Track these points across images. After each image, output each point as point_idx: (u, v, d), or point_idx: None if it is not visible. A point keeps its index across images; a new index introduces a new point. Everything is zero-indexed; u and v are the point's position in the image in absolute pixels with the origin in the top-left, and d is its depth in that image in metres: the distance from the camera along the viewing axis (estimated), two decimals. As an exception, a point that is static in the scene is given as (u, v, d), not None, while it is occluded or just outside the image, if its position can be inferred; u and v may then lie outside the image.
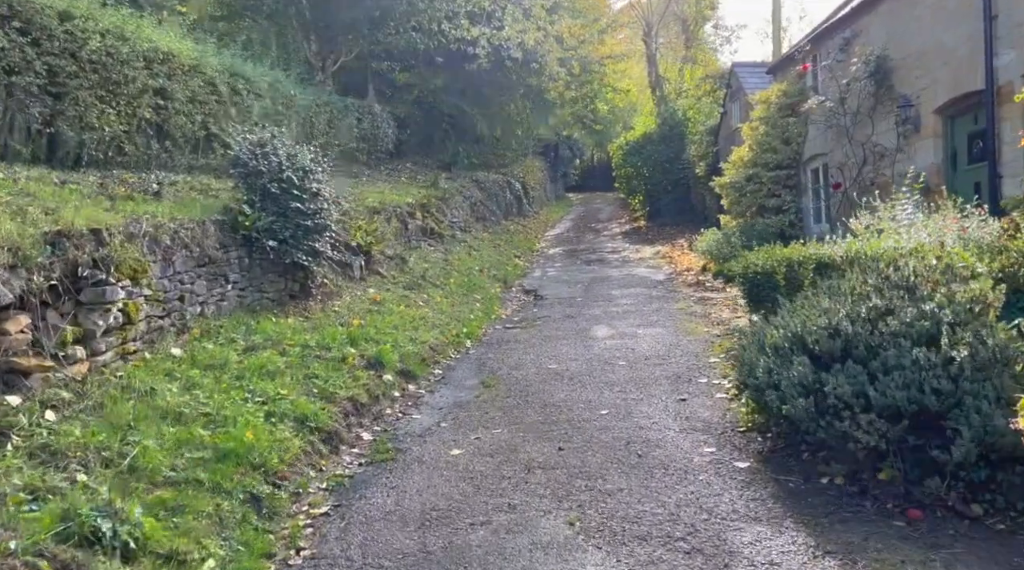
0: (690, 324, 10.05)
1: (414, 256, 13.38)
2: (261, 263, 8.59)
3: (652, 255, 18.56)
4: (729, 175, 16.23)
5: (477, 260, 15.72)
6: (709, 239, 15.63)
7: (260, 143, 8.89)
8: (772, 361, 5.20)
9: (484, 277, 14.26)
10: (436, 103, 23.97)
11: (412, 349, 8.52)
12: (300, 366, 7.03)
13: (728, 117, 20.61)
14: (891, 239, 7.44)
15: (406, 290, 11.34)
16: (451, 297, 11.95)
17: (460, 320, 10.77)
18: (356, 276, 10.83)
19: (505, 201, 25.39)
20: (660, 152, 24.67)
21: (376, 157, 21.27)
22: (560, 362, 8.49)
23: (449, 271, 13.46)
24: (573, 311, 11.74)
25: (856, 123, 12.97)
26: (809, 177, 15.43)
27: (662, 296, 12.55)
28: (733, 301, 11.58)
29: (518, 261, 18.27)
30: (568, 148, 37.47)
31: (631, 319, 10.68)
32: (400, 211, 14.10)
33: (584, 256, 19.36)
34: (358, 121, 19.72)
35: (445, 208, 17.30)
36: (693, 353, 8.40)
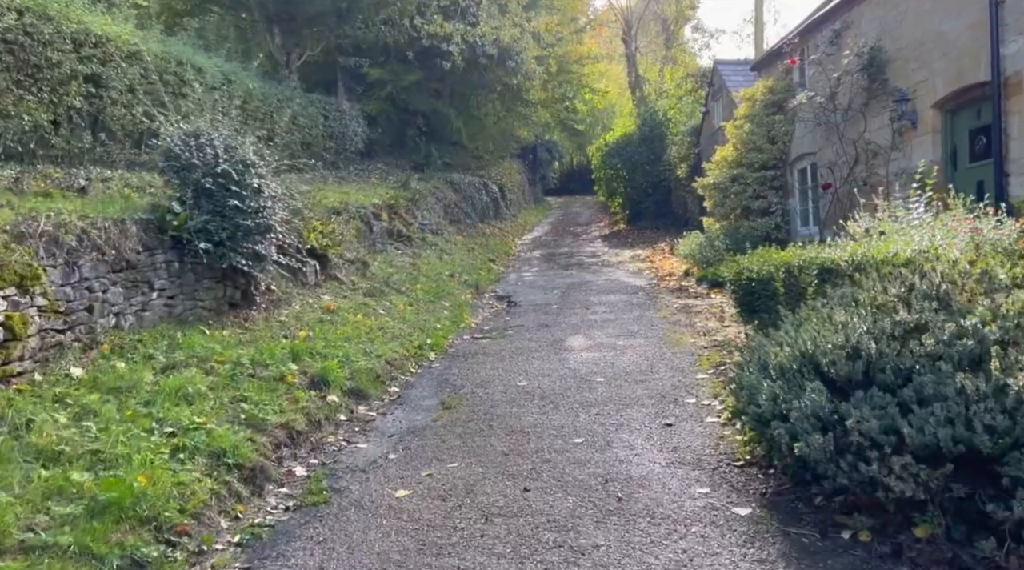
0: (674, 334, 9.18)
1: (378, 260, 12.41)
2: (195, 268, 7.58)
3: (632, 259, 17.72)
4: (713, 175, 15.44)
5: (448, 264, 14.77)
6: (692, 243, 14.82)
7: (195, 134, 7.89)
8: (778, 386, 4.32)
9: (455, 283, 13.31)
10: (409, 102, 23.00)
11: (365, 364, 7.55)
12: (228, 387, 6.04)
13: (710, 117, 19.87)
14: (899, 242, 6.61)
15: (366, 297, 10.36)
16: (416, 304, 10.99)
17: (424, 330, 9.82)
18: (310, 282, 9.84)
19: (481, 203, 24.47)
20: (640, 154, 23.91)
21: (345, 156, 20.27)
22: (531, 378, 7.56)
23: (416, 276, 12.50)
24: (548, 319, 10.84)
25: (847, 120, 12.21)
26: (796, 178, 14.67)
27: (643, 303, 11.68)
28: (719, 308, 10.75)
29: (493, 265, 17.34)
30: (547, 151, 36.63)
31: (610, 329, 9.79)
32: (364, 212, 13.12)
33: (562, 260, 18.48)
34: (325, 118, 18.72)
35: (415, 210, 16.34)
36: (678, 368, 7.52)
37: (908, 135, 10.82)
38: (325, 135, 18.66)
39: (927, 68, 10.33)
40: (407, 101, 22.96)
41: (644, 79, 27.77)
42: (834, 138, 12.64)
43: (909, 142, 10.83)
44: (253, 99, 14.70)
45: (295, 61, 18.96)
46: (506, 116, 26.78)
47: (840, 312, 4.50)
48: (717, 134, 19.03)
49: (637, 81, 27.51)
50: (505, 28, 21.50)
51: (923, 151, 10.54)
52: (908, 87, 10.72)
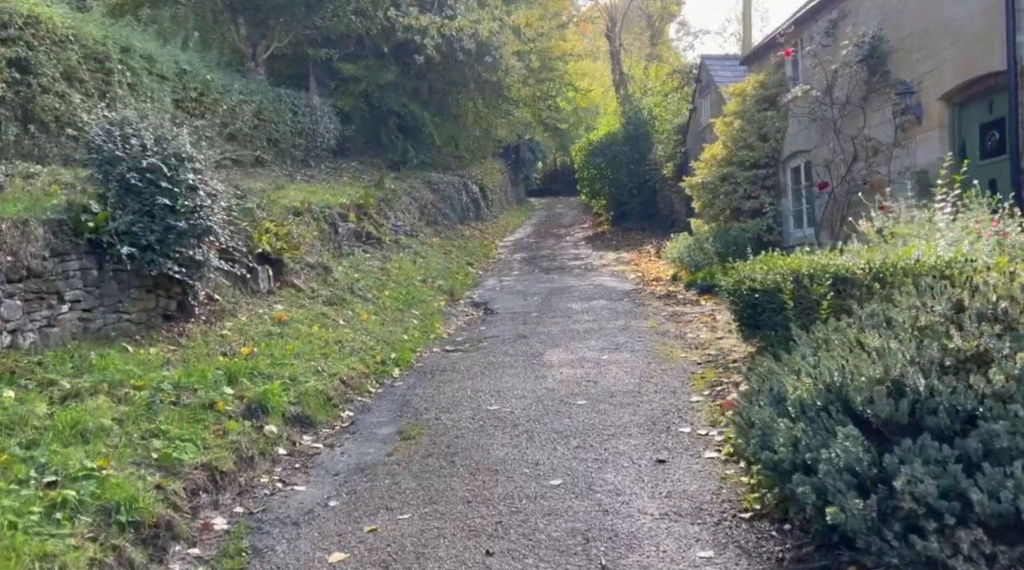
0: (663, 347, 8.33)
1: (344, 264, 11.47)
2: (119, 276, 6.62)
3: (617, 262, 16.89)
4: (701, 175, 14.64)
5: (422, 268, 13.85)
6: (680, 246, 14.01)
7: (120, 122, 6.93)
8: (800, 429, 3.46)
9: (428, 288, 12.40)
10: (385, 98, 22.04)
11: (315, 385, 6.63)
12: (142, 418, 5.10)
13: (697, 114, 19.10)
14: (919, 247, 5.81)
15: (326, 306, 9.43)
16: (383, 313, 10.06)
17: (390, 342, 8.90)
18: (261, 289, 8.89)
19: (461, 204, 23.56)
20: (625, 153, 23.10)
21: (316, 154, 19.30)
22: (504, 400, 6.68)
23: (385, 282, 11.57)
24: (527, 329, 9.95)
25: (845, 115, 11.45)
26: (789, 177, 13.91)
27: (629, 311, 10.83)
28: (711, 317, 9.92)
29: (471, 269, 16.44)
30: (530, 150, 35.79)
31: (593, 340, 8.93)
32: (329, 213, 12.17)
33: (544, 263, 17.61)
34: (294, 114, 17.75)
35: (388, 210, 15.40)
36: (670, 388, 6.66)
37: (912, 130, 10.06)
38: (294, 131, 17.69)
39: (934, 58, 9.57)
40: (383, 98, 22.01)
41: (628, 77, 26.99)
42: (831, 135, 11.87)
43: (913, 138, 10.07)
44: (211, 91, 13.72)
45: (262, 53, 17.96)
46: (487, 114, 25.89)
47: (873, 335, 3.65)
48: (705, 132, 18.27)
49: (621, 79, 26.73)
50: (484, 22, 20.60)
51: (929, 147, 9.78)
52: (912, 79, 9.97)
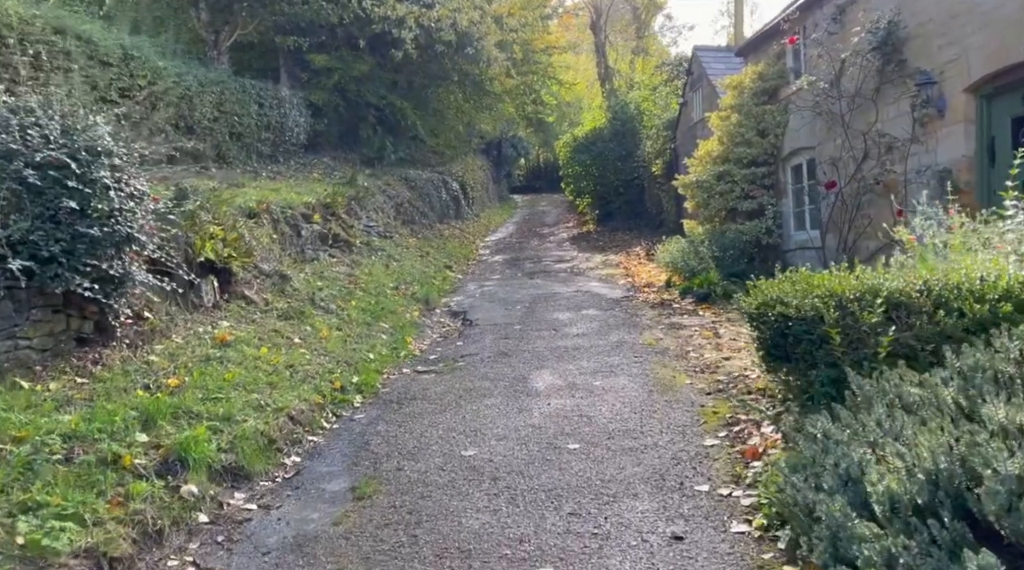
0: (664, 370, 7.28)
1: (306, 271, 10.31)
2: (14, 294, 5.44)
3: (604, 265, 15.86)
4: (695, 173, 13.64)
5: (395, 274, 12.71)
6: (673, 249, 12.99)
7: (23, 109, 5.74)
8: (898, 542, 2.42)
9: (400, 297, 11.26)
10: (361, 92, 20.84)
11: (255, 425, 5.50)
12: (16, 485, 3.96)
13: (688, 109, 18.10)
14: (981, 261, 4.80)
15: (281, 321, 8.28)
16: (347, 328, 8.93)
17: (352, 363, 7.79)
18: (205, 304, 7.72)
19: (440, 202, 22.43)
20: (611, 149, 22.10)
21: (285, 149, 18.09)
22: (482, 442, 5.59)
23: (352, 291, 10.42)
24: (509, 345, 8.87)
25: (855, 108, 10.47)
26: (790, 176, 12.93)
27: (622, 322, 9.79)
28: (712, 331, 8.90)
29: (450, 273, 15.32)
30: (512, 146, 34.69)
31: (584, 360, 7.86)
32: (291, 214, 11.00)
33: (527, 266, 16.54)
34: (260, 106, 16.51)
35: (359, 210, 14.24)
36: (677, 427, 5.61)
37: (932, 125, 9.09)
38: (260, 125, 16.46)
39: (958, 45, 8.60)
40: (358, 91, 20.81)
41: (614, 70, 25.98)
42: (838, 130, 10.90)
43: (934, 133, 9.10)
44: (163, 79, 12.47)
45: (225, 41, 16.69)
46: (468, 109, 24.77)
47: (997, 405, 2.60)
48: (696, 127, 17.28)
49: (607, 72, 25.70)
50: (464, 11, 19.48)
51: (952, 144, 8.82)
52: (933, 68, 8.99)
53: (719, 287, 11.30)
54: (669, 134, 19.06)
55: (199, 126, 13.98)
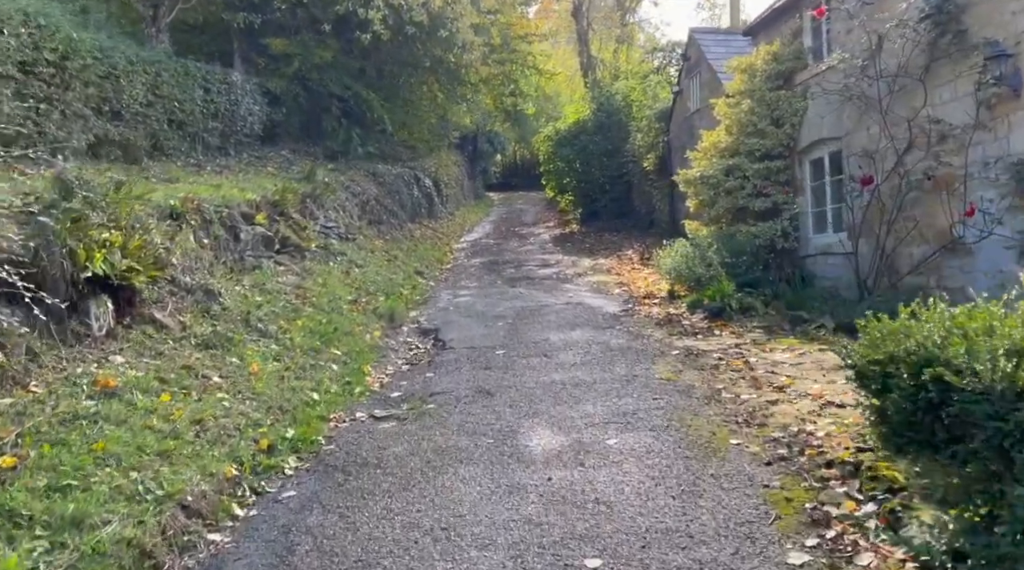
0: (696, 420, 5.55)
1: (243, 284, 8.42)
2: None
3: (594, 271, 14.15)
4: (700, 167, 11.97)
5: (356, 283, 10.86)
6: (676, 255, 11.31)
7: None
8: None
9: (359, 312, 9.42)
10: (324, 80, 18.90)
11: (119, 530, 3.66)
12: None
13: (683, 98, 16.45)
14: None
15: (199, 352, 6.40)
16: (288, 358, 7.08)
17: (289, 409, 5.96)
18: (95, 332, 5.82)
19: (412, 200, 20.59)
20: (596, 143, 20.39)
21: (237, 141, 16.08)
22: (456, 554, 3.80)
23: (300, 307, 8.55)
24: (492, 378, 7.09)
25: (896, 91, 8.86)
26: (808, 171, 11.31)
27: (627, 347, 8.05)
28: (742, 360, 7.21)
29: (420, 280, 13.50)
30: (489, 142, 32.87)
31: (589, 403, 6.11)
32: (229, 214, 9.10)
33: (508, 271, 14.77)
34: (205, 91, 14.50)
35: (316, 209, 12.36)
36: (739, 523, 3.88)
37: (1003, 107, 7.48)
38: (206, 112, 14.45)
39: (1039, 9, 7.01)
40: (321, 80, 18.86)
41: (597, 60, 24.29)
42: (873, 117, 9.29)
43: (1005, 118, 7.49)
44: (79, 54, 10.46)
45: (164, 16, 14.63)
46: (443, 100, 22.89)
47: None
48: (694, 118, 15.64)
49: (590, 62, 24.02)
50: (437, -11, 17.64)
51: (1030, 130, 7.23)
52: (1005, 39, 7.39)
53: (734, 300, 9.64)
54: (662, 126, 17.39)
55: (128, 111, 11.97)
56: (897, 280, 8.94)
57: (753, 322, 9.11)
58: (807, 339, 8.03)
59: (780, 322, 9.02)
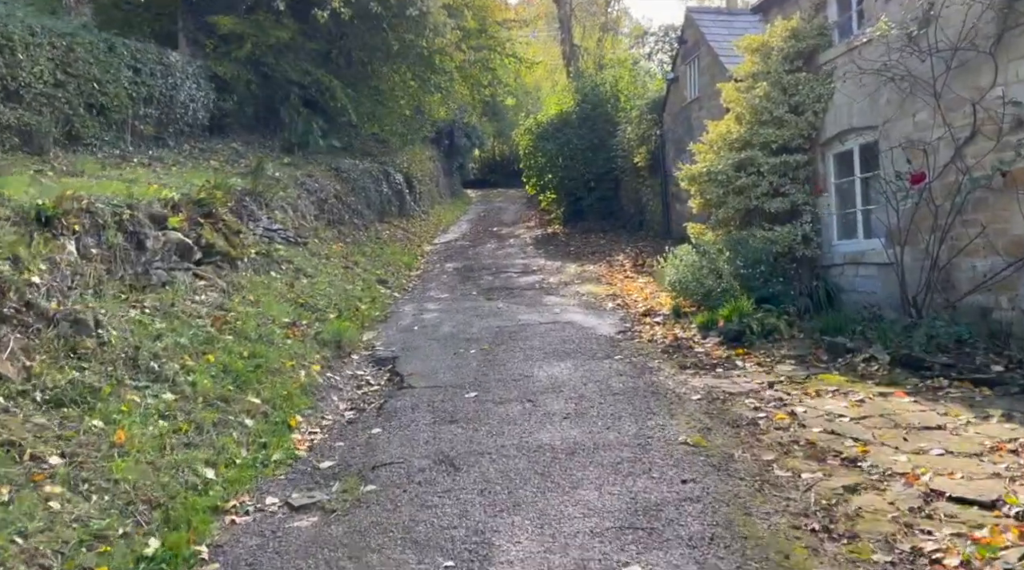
0: (753, 524, 3.77)
1: (143, 306, 6.51)
2: None
3: (581, 279, 12.38)
4: (705, 161, 10.24)
5: (300, 298, 8.97)
6: (681, 264, 9.58)
7: None
8: None
9: (297, 339, 7.53)
10: (281, 64, 16.94)
11: None
12: None
13: (679, 86, 14.73)
14: None
15: (42, 415, 4.50)
16: (180, 414, 5.18)
17: (163, 502, 4.10)
18: None
19: (380, 197, 18.69)
20: (580, 137, 18.62)
21: (177, 130, 14.11)
22: None
23: (215, 335, 6.63)
24: (458, 441, 5.28)
25: (956, 67, 7.18)
26: (832, 166, 9.62)
27: (632, 388, 6.27)
28: (785, 410, 5.48)
29: (382, 291, 11.63)
30: (466, 136, 30.96)
31: (592, 488, 4.30)
32: (131, 216, 7.16)
33: (485, 279, 12.97)
34: (135, 72, 12.52)
35: (258, 208, 10.44)
36: None
37: (1112, 85, 5.83)
38: (135, 97, 12.45)
39: None
40: (278, 64, 16.89)
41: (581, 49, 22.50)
42: (921, 100, 7.62)
43: (1114, 97, 5.84)
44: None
45: (86, -15, 12.61)
46: (415, 90, 20.97)
47: None
48: (692, 107, 13.93)
49: (572, 52, 22.26)
50: (404, -36, 15.76)
51: None
52: (1116, -4, 5.73)
53: (754, 320, 7.93)
54: (654, 117, 15.66)
55: (30, 91, 9.99)
56: (956, 299, 7.27)
57: (781, 349, 7.40)
58: (856, 376, 6.33)
59: (814, 350, 7.32)
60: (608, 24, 24.39)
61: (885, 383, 5.98)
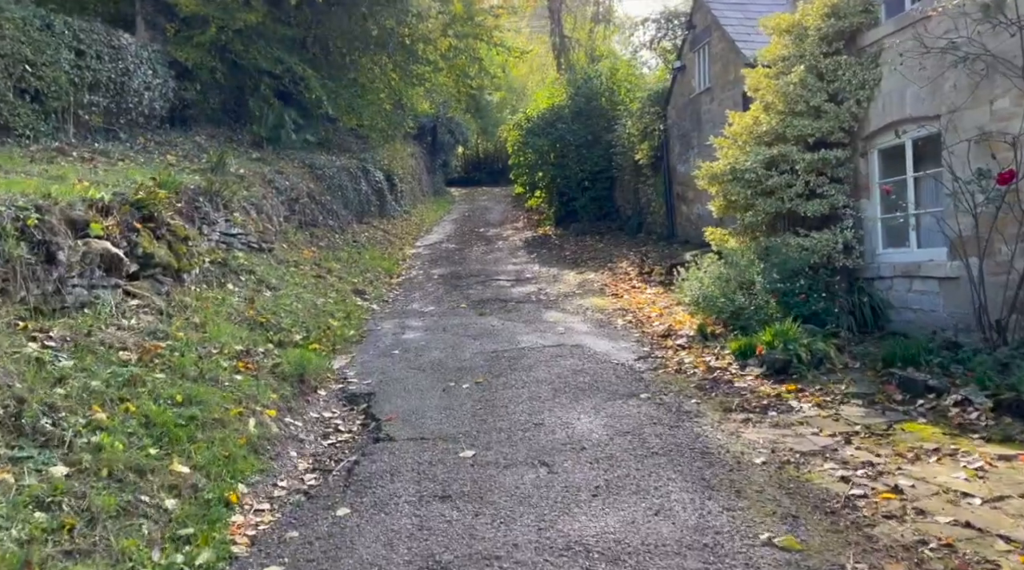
0: None
1: (52, 336, 5.00)
2: None
3: (584, 289, 10.99)
4: (729, 158, 8.90)
5: (260, 317, 7.48)
6: (706, 277, 8.22)
7: None
8: None
9: (249, 372, 6.03)
10: (250, 52, 15.37)
11: None
12: None
13: (686, 76, 13.37)
14: None
15: None
16: (66, 502, 3.70)
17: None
18: None
19: (359, 196, 17.20)
20: (574, 133, 17.22)
21: (131, 121, 12.55)
22: None
23: (140, 375, 5.12)
24: (453, 536, 3.87)
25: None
26: (876, 163, 8.32)
27: (674, 446, 4.87)
28: (885, 483, 4.12)
29: (359, 303, 10.16)
30: (450, 132, 29.46)
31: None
32: (41, 221, 5.64)
33: (474, 288, 11.54)
34: (78, 55, 10.95)
35: (213, 210, 8.92)
36: None
37: None
38: (79, 82, 10.88)
39: None
40: (247, 51, 15.33)
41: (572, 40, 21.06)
42: (999, 85, 6.32)
43: None
44: None
45: (19, -47, 10.96)
46: (397, 82, 19.45)
47: None
48: (700, 99, 12.59)
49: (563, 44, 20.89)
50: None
51: None
52: None
53: (802, 347, 6.58)
54: (657, 111, 14.29)
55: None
56: (1052, 323, 5.98)
57: (839, 384, 6.06)
58: (952, 427, 4.99)
59: (881, 386, 5.98)
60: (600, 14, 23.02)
61: (997, 439, 4.65)
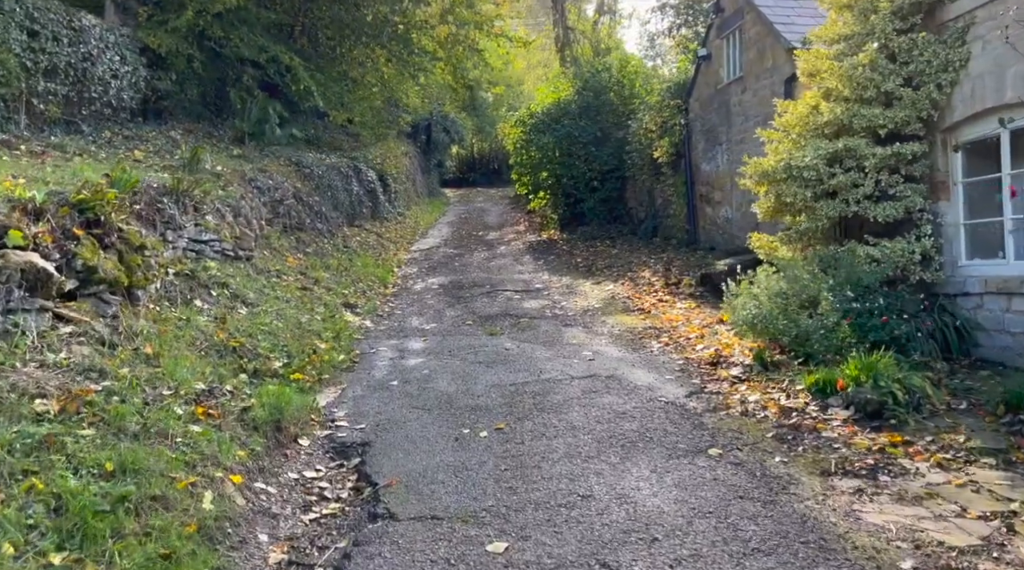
0: None
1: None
2: None
3: (607, 304, 9.70)
4: (779, 153, 7.64)
5: (230, 342, 6.15)
6: (762, 293, 6.95)
7: None
8: None
9: (210, 422, 4.71)
10: (231, 39, 14.04)
11: None
12: None
13: (712, 66, 12.11)
14: None
15: None
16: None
17: None
18: None
19: (350, 197, 15.88)
20: (582, 129, 15.94)
21: (96, 112, 11.21)
22: None
23: (57, 437, 3.81)
24: None
25: None
26: (959, 160, 7.08)
27: (778, 532, 3.56)
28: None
29: (349, 319, 8.84)
30: (445, 130, 28.15)
31: None
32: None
33: (479, 301, 10.23)
34: (31, 36, 9.59)
35: (180, 214, 7.57)
36: None
37: None
38: (32, 68, 9.55)
39: None
40: (228, 38, 14.00)
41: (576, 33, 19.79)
42: None
43: None
44: None
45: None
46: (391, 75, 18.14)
47: None
48: (730, 91, 11.35)
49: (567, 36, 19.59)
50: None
51: None
52: None
53: (896, 384, 5.32)
54: (679, 104, 13.02)
55: None
56: None
57: (954, 434, 4.81)
58: None
59: (1012, 438, 4.74)
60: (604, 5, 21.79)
61: None
